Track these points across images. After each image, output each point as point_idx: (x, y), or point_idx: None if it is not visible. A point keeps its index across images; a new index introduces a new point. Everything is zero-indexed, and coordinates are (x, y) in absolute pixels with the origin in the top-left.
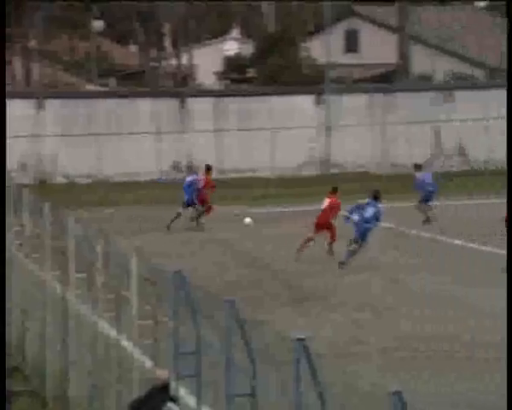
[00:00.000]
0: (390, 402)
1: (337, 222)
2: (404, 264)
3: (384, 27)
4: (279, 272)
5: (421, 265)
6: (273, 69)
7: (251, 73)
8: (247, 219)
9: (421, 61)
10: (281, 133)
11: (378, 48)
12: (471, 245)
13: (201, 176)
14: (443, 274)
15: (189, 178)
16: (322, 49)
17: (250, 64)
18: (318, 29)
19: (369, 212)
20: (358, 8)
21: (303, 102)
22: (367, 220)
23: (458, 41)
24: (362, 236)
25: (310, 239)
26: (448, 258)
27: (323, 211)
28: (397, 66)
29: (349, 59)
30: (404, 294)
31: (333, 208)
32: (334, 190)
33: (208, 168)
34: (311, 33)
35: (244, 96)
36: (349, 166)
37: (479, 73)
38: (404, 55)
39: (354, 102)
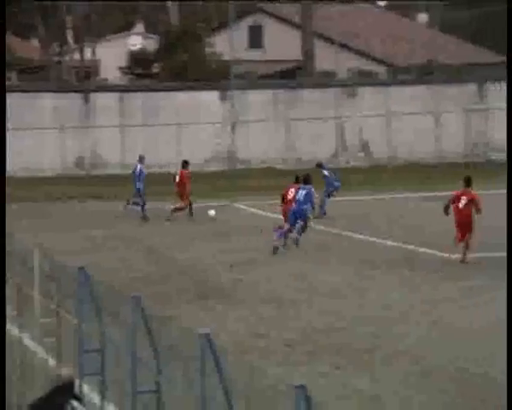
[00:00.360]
0: (294, 396)
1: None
2: (309, 258)
3: (288, 24)
4: (186, 268)
5: (325, 258)
6: (178, 65)
7: (156, 68)
8: (212, 211)
9: (326, 57)
10: (186, 129)
11: (282, 44)
12: (373, 239)
13: (180, 171)
14: (346, 268)
15: (138, 167)
16: (227, 44)
17: (155, 59)
18: (223, 25)
19: (302, 194)
20: (263, 4)
21: (208, 98)
22: (300, 203)
23: (362, 38)
24: (302, 218)
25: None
26: (350, 252)
27: (291, 201)
28: (301, 62)
29: (253, 55)
30: (308, 287)
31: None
32: (298, 180)
33: (186, 162)
34: (216, 29)
35: (149, 91)
36: (255, 162)
37: (382, 70)
38: (308, 52)
39: (259, 98)
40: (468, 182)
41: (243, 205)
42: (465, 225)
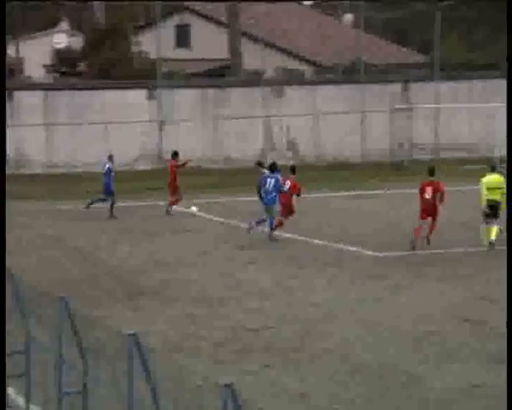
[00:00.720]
0: (221, 395)
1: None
2: (238, 257)
3: (215, 23)
4: (114, 268)
5: (254, 257)
6: (104, 63)
7: (81, 66)
8: (194, 208)
9: (252, 56)
10: (114, 128)
11: (209, 43)
12: (301, 238)
13: (173, 162)
14: (274, 266)
15: (106, 166)
16: (154, 43)
17: (80, 57)
18: (149, 23)
19: (270, 183)
20: (189, 3)
21: (135, 97)
22: (268, 192)
23: (288, 38)
24: (268, 207)
25: (280, 223)
26: (279, 250)
27: (286, 193)
28: (228, 61)
29: (181, 54)
30: (237, 286)
31: (293, 189)
32: (294, 172)
33: (176, 154)
34: (142, 27)
35: (75, 89)
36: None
37: (308, 70)
38: (235, 51)
39: (186, 97)
40: (431, 172)
41: None
42: (432, 215)
